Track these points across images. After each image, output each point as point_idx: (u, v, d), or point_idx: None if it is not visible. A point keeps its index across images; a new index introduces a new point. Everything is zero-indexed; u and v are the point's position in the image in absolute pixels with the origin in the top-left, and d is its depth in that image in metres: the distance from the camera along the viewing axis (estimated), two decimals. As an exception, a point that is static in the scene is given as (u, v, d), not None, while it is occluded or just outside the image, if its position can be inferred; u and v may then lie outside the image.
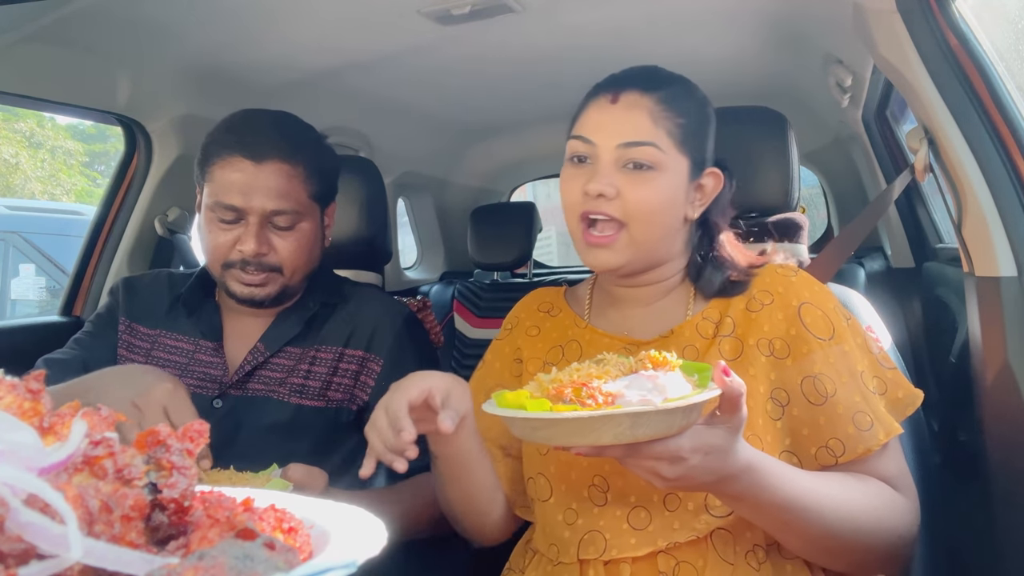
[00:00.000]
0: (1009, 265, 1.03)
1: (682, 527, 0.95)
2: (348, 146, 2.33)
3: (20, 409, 0.42)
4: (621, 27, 1.65)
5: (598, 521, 0.99)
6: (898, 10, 1.12)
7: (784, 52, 1.82)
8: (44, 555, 0.35)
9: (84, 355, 1.32)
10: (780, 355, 0.99)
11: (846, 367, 0.98)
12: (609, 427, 0.72)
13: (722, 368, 0.77)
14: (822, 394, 0.96)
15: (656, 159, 0.98)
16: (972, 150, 1.07)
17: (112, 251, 1.85)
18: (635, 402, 0.72)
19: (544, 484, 1.04)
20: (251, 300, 1.27)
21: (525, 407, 0.75)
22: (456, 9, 1.47)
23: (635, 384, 0.75)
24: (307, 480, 1.04)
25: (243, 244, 1.22)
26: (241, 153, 1.22)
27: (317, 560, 0.41)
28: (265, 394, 1.29)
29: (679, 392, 0.75)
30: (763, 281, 1.05)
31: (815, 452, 0.97)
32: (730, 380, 0.77)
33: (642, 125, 0.98)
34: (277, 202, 1.23)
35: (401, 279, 2.88)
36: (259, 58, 1.69)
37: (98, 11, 1.39)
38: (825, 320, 1.00)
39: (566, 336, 1.13)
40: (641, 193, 0.98)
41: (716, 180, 1.06)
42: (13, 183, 11.39)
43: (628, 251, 1.00)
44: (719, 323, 1.04)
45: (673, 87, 1.03)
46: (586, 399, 0.73)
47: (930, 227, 1.97)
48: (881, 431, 0.95)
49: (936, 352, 1.68)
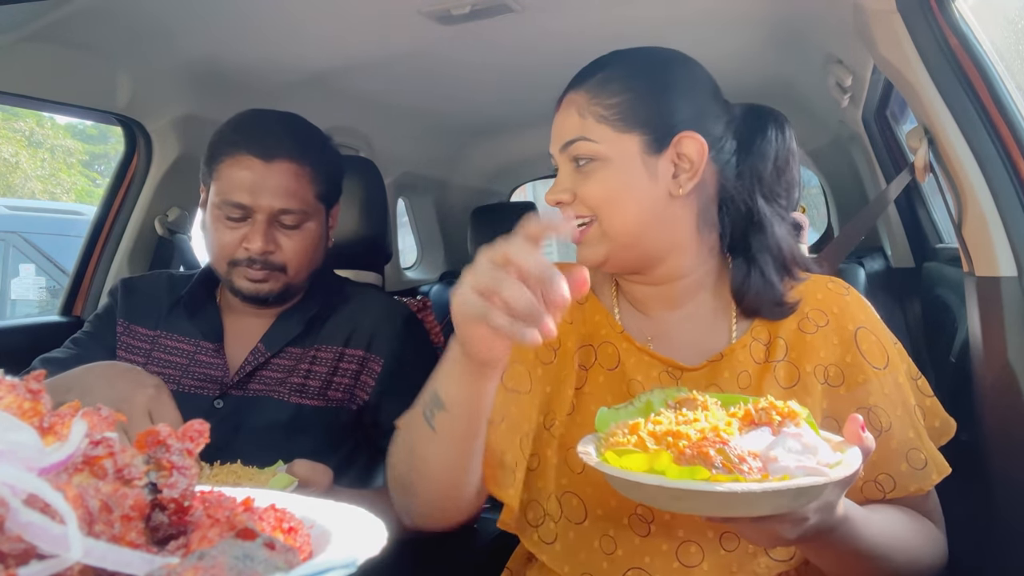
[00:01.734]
0: (1009, 265, 1.03)
1: (740, 570, 0.88)
2: (348, 146, 2.33)
3: (20, 409, 0.42)
4: (621, 27, 1.65)
5: (642, 557, 0.91)
6: (898, 10, 1.12)
7: (784, 52, 1.82)
8: (44, 555, 0.35)
9: (82, 355, 1.32)
10: (834, 383, 0.92)
11: (900, 399, 0.92)
12: (770, 500, 0.63)
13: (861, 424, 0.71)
14: (876, 427, 0.90)
15: (592, 151, 0.93)
16: (972, 150, 1.07)
17: (112, 251, 1.85)
18: (793, 468, 0.64)
19: (577, 505, 0.94)
20: (256, 296, 1.27)
21: (666, 474, 0.65)
22: (456, 9, 1.47)
23: (782, 444, 0.67)
24: (312, 476, 1.04)
25: (250, 242, 1.23)
26: (251, 152, 1.23)
27: (317, 560, 0.41)
28: (266, 394, 1.29)
29: (827, 453, 0.68)
30: (815, 298, 0.96)
31: (862, 486, 0.91)
32: (866, 436, 0.71)
33: (570, 123, 0.96)
34: (285, 201, 1.24)
35: (401, 279, 2.88)
36: (259, 58, 1.69)
37: (98, 11, 1.39)
38: (880, 347, 0.94)
39: (598, 336, 1.02)
40: (589, 188, 0.94)
41: (697, 144, 0.93)
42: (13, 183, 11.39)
43: (604, 244, 0.94)
44: (769, 344, 0.95)
45: (608, 69, 0.96)
46: (740, 464, 0.64)
47: (930, 227, 1.97)
48: (935, 471, 0.91)
49: (936, 352, 1.68)
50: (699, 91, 0.98)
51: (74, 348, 1.34)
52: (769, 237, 0.96)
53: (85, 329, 1.39)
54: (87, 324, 1.41)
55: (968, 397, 1.13)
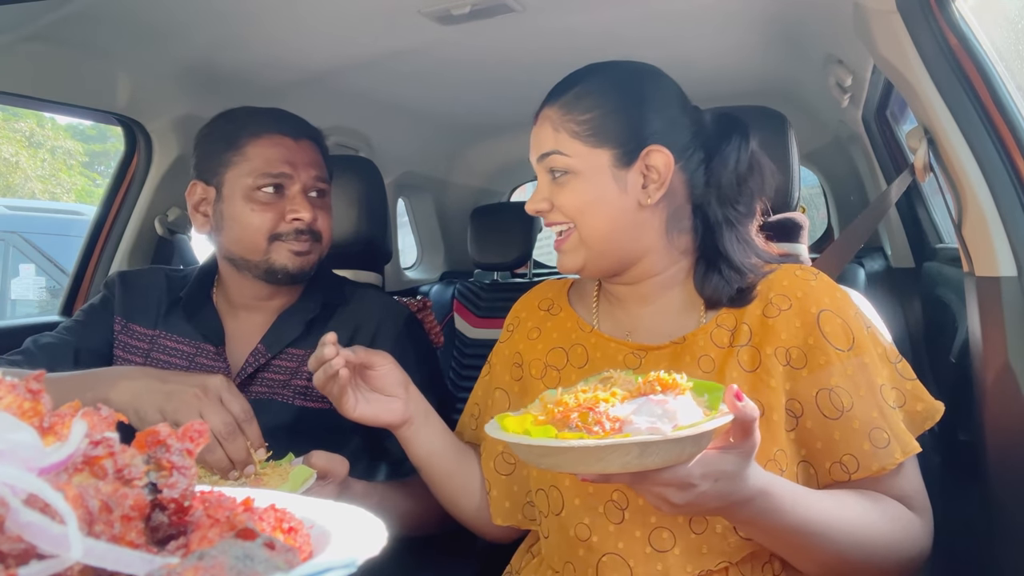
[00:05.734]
0: (1009, 265, 1.03)
1: (710, 551, 0.92)
2: (348, 146, 2.33)
3: (20, 409, 0.42)
4: (621, 27, 1.65)
5: (615, 543, 0.95)
6: (898, 10, 1.12)
7: (784, 52, 1.82)
8: (44, 555, 0.35)
9: (75, 342, 1.32)
10: (796, 365, 0.95)
11: (864, 380, 0.94)
12: (617, 456, 0.70)
13: (735, 392, 0.74)
14: (838, 408, 0.93)
15: (565, 163, 1.00)
16: (972, 150, 1.07)
17: (112, 251, 1.85)
18: (644, 429, 0.70)
19: (556, 497, 1.01)
20: (299, 272, 1.30)
21: (530, 433, 0.73)
22: (456, 9, 1.47)
23: (644, 409, 0.72)
24: (330, 466, 1.04)
25: (298, 212, 1.27)
26: (280, 131, 1.30)
27: (317, 560, 0.41)
28: (269, 396, 1.29)
29: (690, 418, 0.72)
30: (780, 285, 1.00)
31: (829, 467, 0.94)
32: (743, 405, 0.74)
33: (545, 137, 1.02)
34: (317, 170, 1.32)
35: (401, 279, 2.88)
36: (259, 58, 1.69)
37: (98, 11, 1.39)
38: (845, 329, 0.96)
39: (569, 339, 1.10)
40: (564, 198, 1.01)
41: (664, 157, 0.99)
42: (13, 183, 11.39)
43: (581, 250, 1.02)
44: (735, 330, 0.99)
45: (580, 86, 1.02)
46: (593, 425, 0.71)
47: (930, 227, 1.97)
48: (898, 449, 0.92)
49: (936, 352, 1.68)
50: (667, 105, 1.03)
51: (66, 335, 1.34)
52: (726, 241, 1.02)
53: (78, 318, 1.38)
54: (80, 313, 1.39)
55: (968, 397, 1.13)
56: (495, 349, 1.21)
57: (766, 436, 0.91)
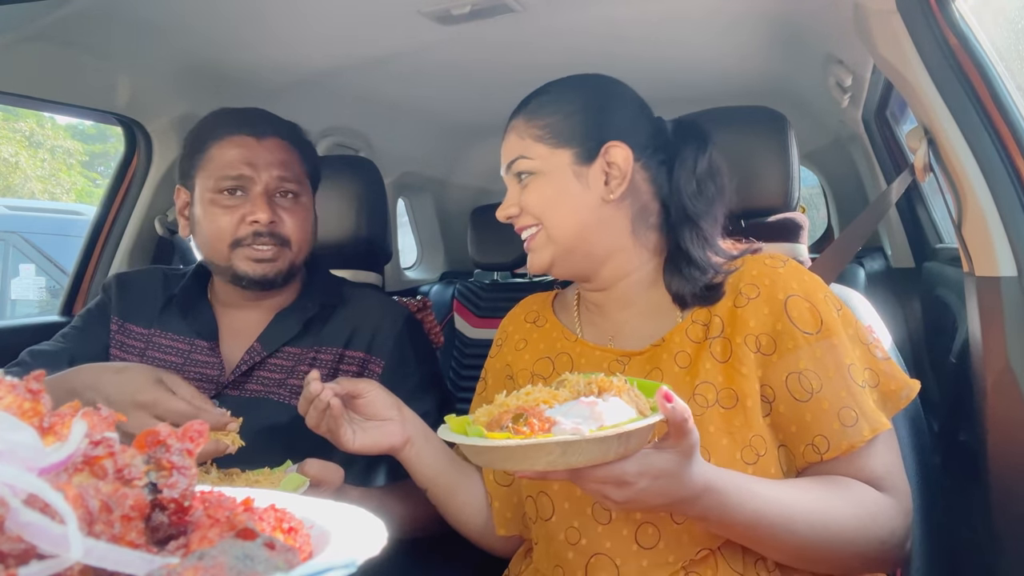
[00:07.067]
0: (1009, 265, 1.03)
1: (691, 540, 0.93)
2: (348, 146, 2.33)
3: (20, 409, 0.42)
4: (621, 27, 1.65)
5: (603, 543, 0.96)
6: (898, 10, 1.12)
7: (784, 52, 1.82)
8: (44, 555, 0.35)
9: (71, 349, 1.32)
10: (766, 351, 0.97)
11: (833, 361, 0.95)
12: (541, 455, 0.73)
13: (664, 393, 0.75)
14: (807, 390, 0.94)
15: (528, 165, 1.05)
16: (972, 150, 1.07)
17: (112, 251, 1.85)
18: (568, 429, 0.72)
19: (546, 502, 1.03)
20: (264, 279, 1.26)
21: (466, 433, 0.77)
22: (456, 9, 1.47)
23: (573, 411, 0.75)
24: (323, 475, 1.04)
25: (255, 215, 1.24)
26: (242, 131, 1.27)
27: (317, 560, 0.41)
28: (264, 395, 1.28)
29: (617, 418, 0.74)
30: (750, 274, 1.02)
31: (803, 449, 0.95)
32: (672, 406, 0.75)
33: (511, 145, 1.08)
34: (281, 170, 1.27)
35: (401, 279, 2.88)
36: (259, 58, 1.69)
37: (98, 11, 1.39)
38: (813, 312, 0.97)
39: (555, 348, 1.13)
40: (529, 197, 1.05)
41: (623, 151, 1.03)
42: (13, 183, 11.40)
43: (549, 247, 1.05)
44: (708, 324, 1.01)
45: (541, 96, 1.09)
46: (523, 426, 0.74)
47: (930, 227, 1.97)
48: (867, 427, 0.92)
49: (936, 352, 1.68)
50: (623, 106, 1.08)
51: (63, 342, 1.33)
52: (687, 240, 1.05)
53: (75, 324, 1.38)
54: (77, 319, 1.39)
55: (968, 397, 1.13)
56: (487, 365, 1.23)
57: (742, 423, 0.94)
